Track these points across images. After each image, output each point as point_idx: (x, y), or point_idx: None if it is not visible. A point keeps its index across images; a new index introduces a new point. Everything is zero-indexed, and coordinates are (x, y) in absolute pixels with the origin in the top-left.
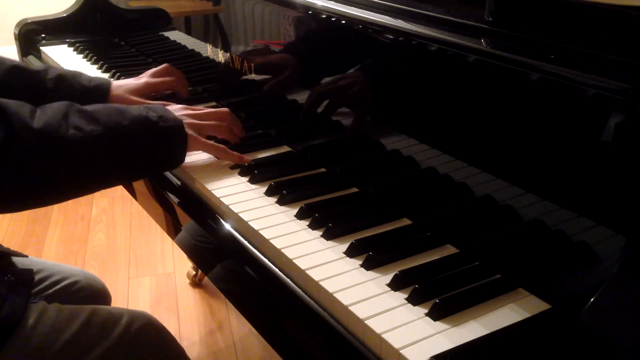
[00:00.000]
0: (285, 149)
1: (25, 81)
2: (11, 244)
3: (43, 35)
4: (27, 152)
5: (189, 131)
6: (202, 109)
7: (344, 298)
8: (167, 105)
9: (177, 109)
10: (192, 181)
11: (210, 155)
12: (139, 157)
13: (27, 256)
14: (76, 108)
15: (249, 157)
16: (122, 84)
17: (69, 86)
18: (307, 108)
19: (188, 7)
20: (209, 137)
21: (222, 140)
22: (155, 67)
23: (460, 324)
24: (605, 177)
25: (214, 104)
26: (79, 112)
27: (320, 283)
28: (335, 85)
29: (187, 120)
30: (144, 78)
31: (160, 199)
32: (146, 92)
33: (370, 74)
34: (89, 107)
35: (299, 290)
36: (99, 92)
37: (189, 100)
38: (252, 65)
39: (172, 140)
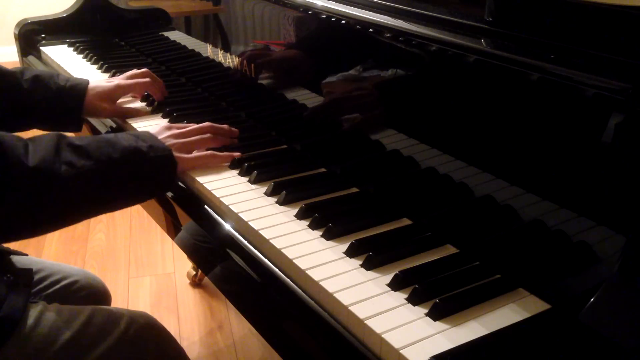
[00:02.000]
0: (285, 148)
1: (1, 82)
2: (11, 244)
3: (43, 35)
4: (19, 188)
5: (177, 154)
6: (185, 126)
7: (344, 298)
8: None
9: (161, 131)
10: (192, 181)
11: None
12: (131, 188)
13: (26, 255)
14: (66, 141)
15: (245, 155)
16: (95, 86)
17: (45, 87)
18: (315, 118)
19: (188, 7)
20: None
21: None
22: (156, 67)
23: (460, 324)
24: (606, 177)
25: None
26: (69, 145)
27: (320, 283)
28: (344, 94)
29: (173, 141)
30: (116, 80)
31: (160, 199)
32: (117, 94)
33: (370, 75)
34: (79, 141)
35: (299, 290)
36: (75, 92)
37: (188, 101)
38: (252, 65)
39: (163, 169)
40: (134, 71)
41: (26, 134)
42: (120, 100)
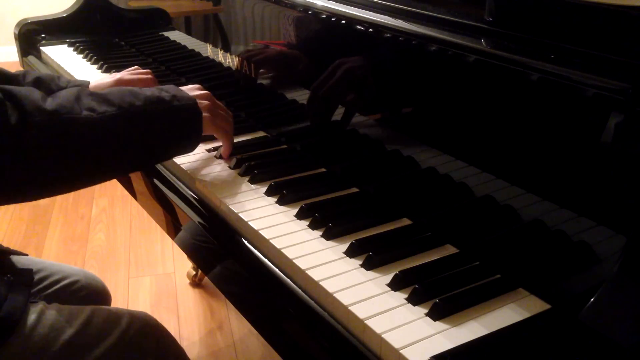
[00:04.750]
0: (285, 148)
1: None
2: (11, 244)
3: (43, 35)
4: (41, 134)
5: (204, 112)
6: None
7: (344, 298)
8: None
9: (190, 89)
10: (192, 181)
11: (210, 156)
12: (154, 138)
13: (26, 255)
14: (88, 91)
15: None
16: (96, 85)
17: (47, 89)
18: (313, 111)
19: (188, 7)
20: None
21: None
22: (156, 67)
23: (460, 324)
24: (606, 177)
25: None
26: (90, 95)
27: (320, 283)
28: (338, 86)
29: (200, 100)
30: (118, 75)
31: (160, 199)
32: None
33: (371, 74)
34: (101, 91)
35: (299, 291)
36: None
37: None
38: (252, 65)
39: (186, 119)
40: (137, 67)
41: None
42: None
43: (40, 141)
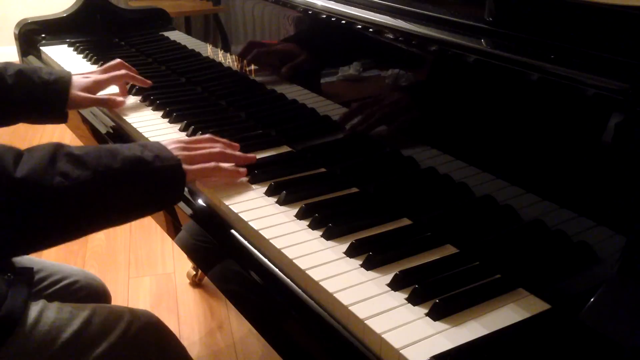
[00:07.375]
0: (285, 149)
1: None
2: None
3: (43, 35)
4: (6, 201)
5: (185, 166)
6: (195, 139)
7: (344, 298)
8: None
9: (169, 143)
10: (193, 182)
11: None
12: (133, 201)
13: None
14: (65, 151)
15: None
16: (76, 80)
17: (29, 81)
18: (347, 124)
19: (188, 7)
20: None
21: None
22: (156, 67)
23: (460, 324)
24: (606, 177)
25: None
26: (67, 155)
27: (320, 283)
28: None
29: (179, 153)
30: (93, 76)
31: None
32: (94, 89)
33: (370, 75)
34: (79, 150)
35: (299, 291)
36: (59, 85)
37: (188, 101)
38: (252, 65)
39: (169, 180)
40: (109, 64)
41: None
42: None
43: (4, 207)
